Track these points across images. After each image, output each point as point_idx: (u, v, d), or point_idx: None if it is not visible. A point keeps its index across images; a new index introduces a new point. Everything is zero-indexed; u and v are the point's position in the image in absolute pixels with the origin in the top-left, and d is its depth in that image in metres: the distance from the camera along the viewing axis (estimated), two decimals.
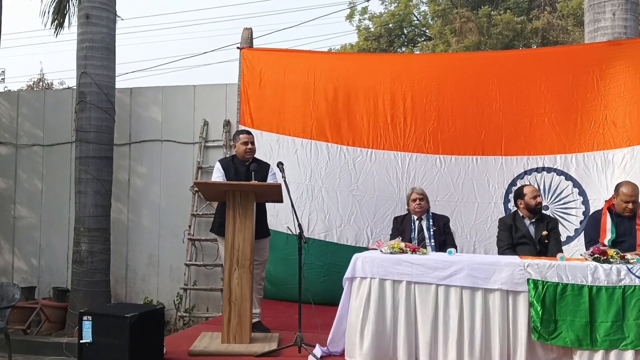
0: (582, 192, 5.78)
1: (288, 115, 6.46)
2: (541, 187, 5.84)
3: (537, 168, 5.91)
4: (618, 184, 4.83)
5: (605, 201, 4.98)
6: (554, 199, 5.84)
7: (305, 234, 4.49)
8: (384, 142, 6.21)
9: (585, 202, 5.76)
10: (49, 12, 8.43)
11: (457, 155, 6.05)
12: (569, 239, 5.67)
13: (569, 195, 5.83)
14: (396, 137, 6.18)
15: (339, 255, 5.99)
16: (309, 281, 5.13)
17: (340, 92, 6.36)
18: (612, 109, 5.72)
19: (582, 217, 5.75)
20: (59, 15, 8.42)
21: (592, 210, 5.58)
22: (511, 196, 5.82)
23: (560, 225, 5.56)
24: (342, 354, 4.22)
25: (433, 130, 6.12)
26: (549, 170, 5.88)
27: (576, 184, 5.79)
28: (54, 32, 8.49)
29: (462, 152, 6.05)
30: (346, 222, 6.16)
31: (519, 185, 5.79)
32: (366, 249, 5.79)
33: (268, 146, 6.31)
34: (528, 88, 5.96)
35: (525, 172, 5.93)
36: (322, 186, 6.26)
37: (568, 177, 5.82)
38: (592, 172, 5.75)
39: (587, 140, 5.78)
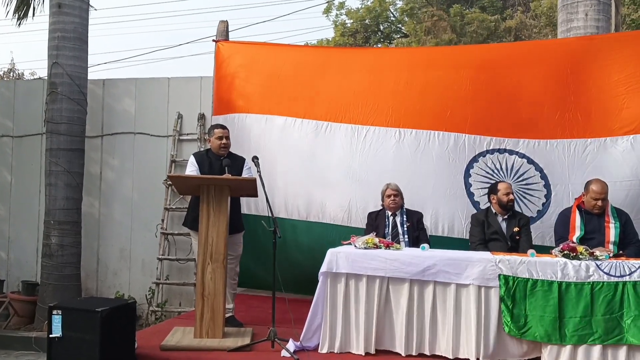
0: (544, 177, 5.76)
1: (249, 96, 6.44)
2: (503, 167, 5.81)
3: (499, 149, 5.86)
4: (588, 182, 4.92)
5: (575, 199, 5.06)
6: (517, 179, 5.79)
7: (262, 213, 4.43)
8: (342, 116, 6.14)
9: (547, 186, 5.73)
10: (11, 2, 8.19)
11: (419, 129, 5.97)
12: (532, 220, 5.56)
13: (531, 177, 5.79)
14: (357, 112, 6.11)
15: (294, 230, 6.03)
16: (267, 261, 5.11)
17: (306, 72, 6.33)
18: (579, 102, 5.74)
19: (544, 200, 5.72)
20: (22, 5, 8.20)
21: (554, 194, 5.65)
22: (472, 171, 5.81)
23: (523, 205, 5.66)
24: (316, 349, 4.24)
25: (396, 105, 6.05)
26: (511, 152, 5.84)
27: (538, 168, 5.77)
28: (17, 23, 8.26)
29: (423, 126, 5.97)
30: (300, 197, 6.09)
31: (480, 162, 5.82)
32: (321, 223, 5.95)
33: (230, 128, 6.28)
34: (498, 76, 5.95)
35: (488, 151, 5.87)
36: (273, 159, 6.13)
37: (530, 161, 5.80)
38: (554, 159, 5.74)
39: (552, 128, 5.77)
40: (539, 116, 5.82)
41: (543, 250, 4.67)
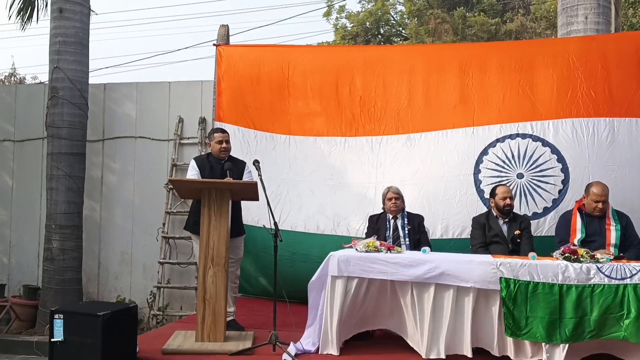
0: (561, 159, 5.56)
1: (264, 112, 6.43)
2: (515, 154, 5.65)
3: (510, 135, 5.69)
4: (588, 184, 4.92)
5: (576, 201, 5.06)
6: (530, 166, 5.60)
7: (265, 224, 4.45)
8: (356, 129, 6.15)
9: (565, 170, 5.54)
10: (15, 5, 8.21)
11: (427, 131, 5.94)
12: (546, 211, 5.47)
13: (547, 161, 5.59)
14: (368, 121, 6.12)
15: (305, 244, 5.98)
16: (269, 271, 5.02)
17: (315, 83, 6.35)
18: (590, 82, 5.64)
19: (560, 187, 5.53)
20: (25, 9, 8.23)
21: (571, 180, 5.51)
22: (482, 166, 5.72)
23: (536, 194, 5.56)
24: (317, 352, 4.23)
25: (404, 110, 6.05)
26: (524, 136, 5.66)
27: (555, 150, 5.58)
28: (21, 27, 8.30)
29: (432, 128, 5.93)
30: (320, 213, 6.07)
31: (490, 153, 5.72)
32: (335, 236, 5.83)
33: (246, 142, 6.30)
34: (502, 67, 5.91)
35: (498, 140, 5.72)
36: (298, 180, 6.18)
37: (545, 143, 5.60)
38: (572, 138, 5.56)
39: (565, 107, 5.62)
40: (549, 97, 5.73)
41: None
